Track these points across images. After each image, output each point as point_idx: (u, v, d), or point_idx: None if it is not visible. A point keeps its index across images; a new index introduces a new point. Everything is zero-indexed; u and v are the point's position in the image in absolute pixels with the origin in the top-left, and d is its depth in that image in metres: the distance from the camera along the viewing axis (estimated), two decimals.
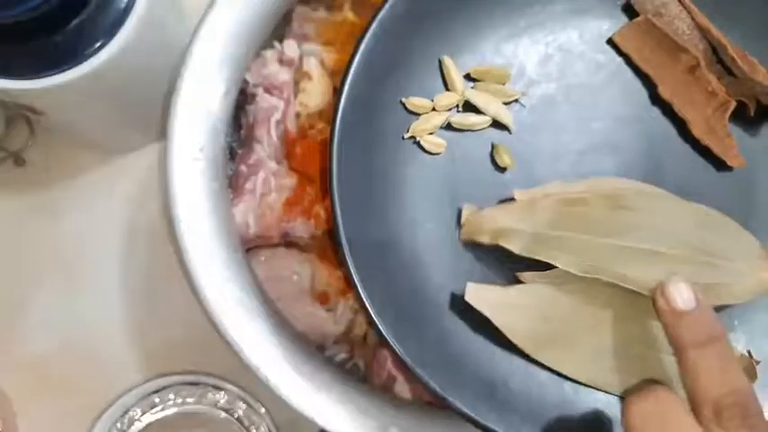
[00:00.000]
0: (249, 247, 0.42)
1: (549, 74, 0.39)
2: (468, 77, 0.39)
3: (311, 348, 0.41)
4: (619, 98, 0.39)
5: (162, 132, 0.49)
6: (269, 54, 0.42)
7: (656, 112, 0.39)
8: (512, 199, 0.37)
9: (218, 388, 0.47)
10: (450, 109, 0.38)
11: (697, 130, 0.38)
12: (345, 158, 0.37)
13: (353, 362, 0.45)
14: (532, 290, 0.36)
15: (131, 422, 0.47)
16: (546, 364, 0.36)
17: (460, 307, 0.36)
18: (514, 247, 0.36)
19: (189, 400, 0.47)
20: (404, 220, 0.37)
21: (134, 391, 0.48)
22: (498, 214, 0.37)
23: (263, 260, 0.42)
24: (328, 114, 0.43)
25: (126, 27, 0.37)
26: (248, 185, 0.41)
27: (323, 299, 0.42)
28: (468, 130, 0.38)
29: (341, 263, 0.37)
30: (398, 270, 0.37)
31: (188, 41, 0.38)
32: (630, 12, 0.39)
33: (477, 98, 0.38)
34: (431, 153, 0.38)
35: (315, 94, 0.43)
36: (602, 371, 0.36)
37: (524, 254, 0.35)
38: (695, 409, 0.30)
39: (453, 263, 0.38)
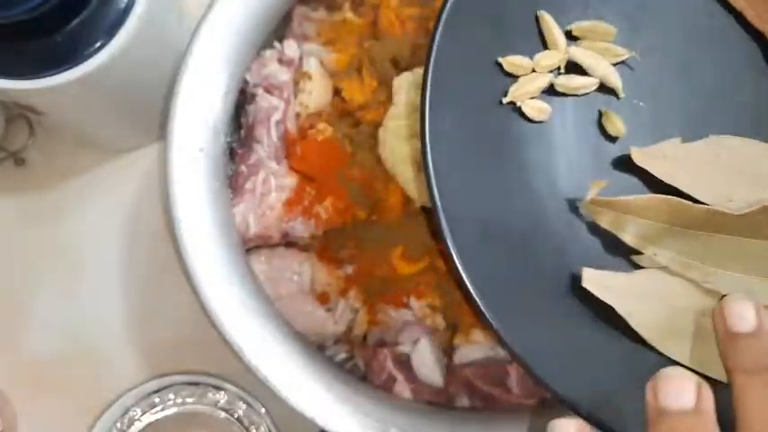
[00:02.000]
0: (249, 246, 0.42)
1: (654, 32, 0.36)
2: (569, 36, 0.35)
3: (311, 348, 0.41)
4: (731, 55, 0.36)
5: (162, 132, 0.50)
6: (269, 54, 0.43)
7: None
8: (626, 160, 0.35)
9: (218, 388, 0.47)
10: (551, 70, 0.35)
11: None
12: (438, 127, 0.33)
13: (353, 362, 0.45)
14: (657, 277, 0.33)
15: (131, 422, 0.47)
16: (673, 357, 0.33)
17: (574, 291, 0.34)
18: (629, 238, 0.33)
19: (189, 400, 0.47)
20: (507, 192, 0.34)
21: (134, 391, 0.48)
22: (630, 204, 0.33)
23: (263, 260, 0.42)
24: (329, 114, 0.44)
25: (126, 27, 0.37)
26: (248, 185, 0.41)
27: (323, 299, 0.42)
28: (572, 95, 0.35)
29: (438, 241, 0.35)
30: (503, 250, 0.34)
31: (188, 41, 0.39)
32: None
33: (583, 57, 0.34)
34: (533, 120, 0.35)
35: (315, 94, 0.43)
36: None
37: (636, 246, 0.33)
38: None
39: (563, 240, 0.34)
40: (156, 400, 0.47)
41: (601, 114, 0.36)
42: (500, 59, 0.34)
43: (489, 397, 0.41)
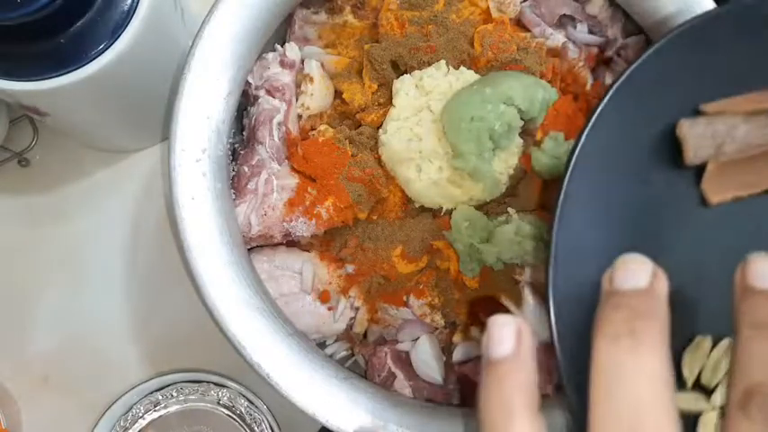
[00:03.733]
0: (251, 246, 0.42)
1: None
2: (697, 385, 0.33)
3: (312, 346, 0.41)
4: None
5: (165, 133, 0.50)
6: (271, 56, 0.43)
7: None
8: None
9: (221, 385, 0.48)
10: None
11: None
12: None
13: (354, 359, 0.45)
14: None
15: (135, 419, 0.47)
16: None
17: None
18: None
19: (191, 397, 0.47)
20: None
21: (137, 389, 0.48)
22: None
23: (265, 259, 0.42)
24: (330, 116, 0.44)
25: (129, 29, 0.37)
26: (250, 186, 0.41)
27: (324, 297, 0.42)
28: None
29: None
30: None
31: (191, 44, 0.39)
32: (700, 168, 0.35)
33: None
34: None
35: (316, 95, 0.43)
36: None
37: None
38: (728, 388, 0.28)
39: None
40: (159, 397, 0.47)
41: None
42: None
43: None
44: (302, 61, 0.43)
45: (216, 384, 0.47)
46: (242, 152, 0.42)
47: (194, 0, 0.48)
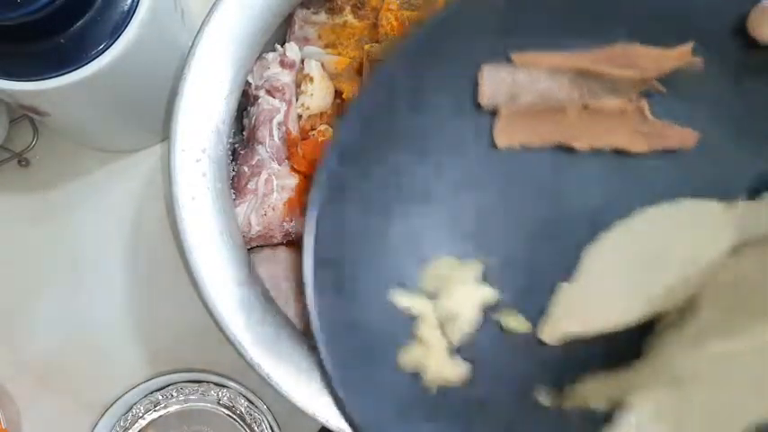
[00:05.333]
0: (251, 246, 0.42)
1: (475, 214, 0.35)
2: (429, 295, 0.35)
3: (312, 346, 0.41)
4: (548, 176, 0.36)
5: (165, 133, 0.50)
6: (271, 56, 0.43)
7: (593, 161, 0.35)
8: (545, 345, 0.34)
9: (221, 385, 0.48)
10: (437, 329, 0.34)
11: (635, 147, 0.35)
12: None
13: None
14: (634, 409, 0.33)
15: (135, 419, 0.47)
16: None
17: None
18: (597, 404, 0.33)
19: (191, 397, 0.47)
20: None
21: (137, 389, 0.48)
22: (576, 392, 0.34)
23: (265, 259, 0.42)
24: (330, 116, 0.44)
25: (129, 29, 0.37)
26: (250, 186, 0.41)
27: None
28: (474, 332, 0.35)
29: None
30: None
31: (191, 43, 0.39)
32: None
33: (451, 306, 0.34)
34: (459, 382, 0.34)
35: (316, 95, 0.43)
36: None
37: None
38: None
39: None
40: (159, 397, 0.47)
41: (499, 325, 0.35)
42: (397, 367, 0.34)
43: None
44: (302, 61, 0.43)
45: (216, 384, 0.47)
46: (242, 152, 0.42)
47: (194, 0, 0.48)
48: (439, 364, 0.34)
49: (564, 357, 0.34)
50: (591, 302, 0.34)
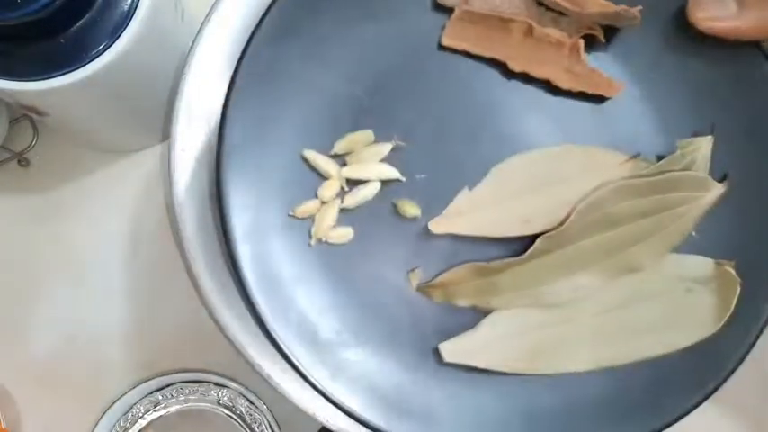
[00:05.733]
0: None
1: (406, 105, 0.38)
2: (336, 157, 0.37)
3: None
4: (481, 90, 0.38)
5: (166, 133, 0.50)
6: None
7: (523, 88, 0.38)
8: (431, 235, 0.37)
9: (221, 385, 0.48)
10: (337, 195, 0.37)
11: (563, 83, 0.38)
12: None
13: None
14: (496, 317, 0.37)
15: (134, 420, 0.47)
16: (546, 373, 0.36)
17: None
18: (462, 302, 0.37)
19: (191, 397, 0.47)
20: (344, 306, 0.37)
21: (137, 389, 0.48)
22: (446, 281, 0.37)
23: None
24: None
25: (130, 29, 0.37)
26: None
27: None
28: (365, 203, 0.37)
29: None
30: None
31: (191, 43, 0.39)
32: (442, 9, 0.38)
33: (356, 172, 0.37)
34: (341, 245, 0.37)
35: None
36: (608, 346, 0.37)
37: (473, 305, 0.37)
38: None
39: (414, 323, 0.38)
40: (159, 397, 0.47)
41: (395, 206, 0.37)
42: (290, 213, 0.37)
43: None
44: None
45: (216, 384, 0.47)
46: None
47: (194, 0, 0.48)
48: (327, 221, 0.37)
49: (443, 251, 0.37)
50: (482, 210, 0.37)
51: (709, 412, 0.47)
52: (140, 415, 0.47)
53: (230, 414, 0.47)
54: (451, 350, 0.36)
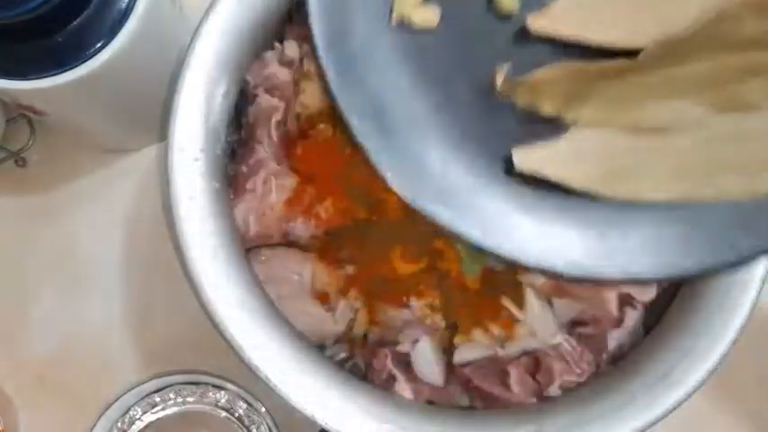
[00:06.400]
0: (249, 246, 0.42)
1: None
2: None
3: (311, 348, 0.41)
4: None
5: (163, 133, 0.50)
6: (269, 54, 0.42)
7: None
8: (526, 34, 0.33)
9: (219, 387, 0.47)
10: None
11: None
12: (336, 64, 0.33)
13: (353, 361, 0.45)
14: (578, 133, 0.33)
15: (132, 421, 0.47)
16: (624, 197, 0.33)
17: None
18: (547, 109, 0.33)
19: (189, 399, 0.47)
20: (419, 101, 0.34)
21: (135, 391, 0.48)
22: (536, 80, 0.33)
23: (264, 260, 0.42)
24: (329, 115, 0.43)
25: (127, 27, 0.37)
26: (249, 185, 0.41)
27: (323, 298, 0.42)
28: None
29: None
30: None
31: (188, 41, 0.39)
32: None
33: None
34: (425, 29, 0.34)
35: (315, 94, 0.43)
36: (692, 181, 0.33)
37: (557, 114, 0.33)
38: None
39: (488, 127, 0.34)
40: (157, 399, 0.47)
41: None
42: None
43: (489, 396, 0.41)
44: (301, 59, 0.43)
45: (214, 386, 0.47)
46: (240, 151, 0.42)
47: None
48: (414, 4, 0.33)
49: (536, 58, 0.34)
50: (589, 11, 0.33)
51: (710, 411, 0.47)
52: (138, 417, 0.47)
53: (229, 416, 0.47)
54: (524, 157, 0.33)
